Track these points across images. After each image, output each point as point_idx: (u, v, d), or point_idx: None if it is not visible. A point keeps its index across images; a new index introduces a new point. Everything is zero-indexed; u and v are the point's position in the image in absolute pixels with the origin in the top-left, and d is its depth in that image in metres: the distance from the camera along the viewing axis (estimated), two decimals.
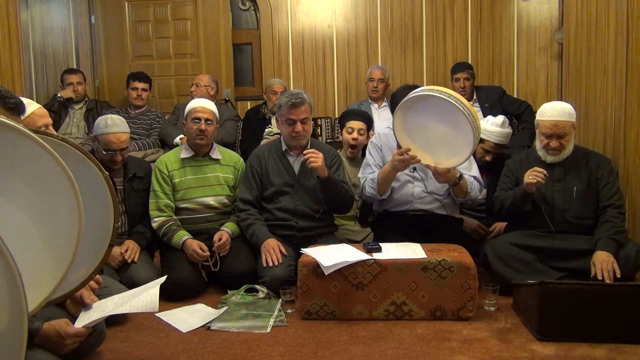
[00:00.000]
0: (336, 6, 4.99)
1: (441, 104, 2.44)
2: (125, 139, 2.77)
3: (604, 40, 3.22)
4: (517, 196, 2.70)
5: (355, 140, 3.33)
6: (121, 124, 2.79)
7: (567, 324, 2.15)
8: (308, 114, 2.86)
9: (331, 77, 5.04)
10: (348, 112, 3.56)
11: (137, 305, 1.89)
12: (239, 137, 4.45)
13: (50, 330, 1.70)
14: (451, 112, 2.44)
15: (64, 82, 4.38)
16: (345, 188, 2.89)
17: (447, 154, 2.59)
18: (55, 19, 4.74)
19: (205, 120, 2.95)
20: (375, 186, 2.85)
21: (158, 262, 3.04)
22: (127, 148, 2.82)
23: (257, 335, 2.28)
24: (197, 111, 2.97)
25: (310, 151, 2.75)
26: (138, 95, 4.34)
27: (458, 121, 2.45)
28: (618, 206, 2.66)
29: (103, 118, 2.81)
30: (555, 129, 2.67)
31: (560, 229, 2.69)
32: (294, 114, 2.81)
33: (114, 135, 2.72)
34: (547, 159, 2.76)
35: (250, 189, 2.93)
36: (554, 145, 2.70)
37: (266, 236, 2.80)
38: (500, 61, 4.93)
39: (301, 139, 2.87)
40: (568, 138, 2.71)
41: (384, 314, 2.41)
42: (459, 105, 2.40)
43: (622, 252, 2.52)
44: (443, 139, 2.57)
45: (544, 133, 2.72)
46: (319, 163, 2.72)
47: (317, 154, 2.74)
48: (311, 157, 2.72)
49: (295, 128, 2.83)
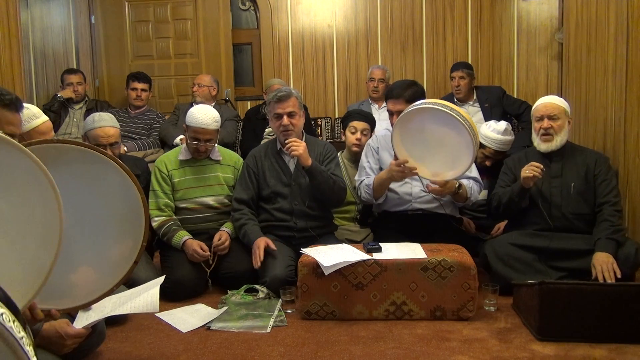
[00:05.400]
0: (336, 6, 4.99)
1: (440, 116, 2.42)
2: (113, 133, 2.79)
3: (604, 40, 3.22)
4: (515, 192, 2.72)
5: (359, 140, 3.28)
6: (109, 119, 2.82)
7: (567, 324, 2.15)
8: (296, 108, 2.83)
9: (331, 77, 5.05)
10: (351, 113, 3.53)
11: (137, 305, 1.89)
12: (239, 137, 4.45)
13: (50, 330, 1.70)
14: (450, 125, 2.42)
15: (64, 82, 4.38)
16: (334, 179, 2.83)
17: (446, 166, 2.58)
18: (55, 19, 4.74)
19: (206, 141, 2.91)
20: (371, 192, 2.85)
21: (158, 262, 3.04)
22: (117, 144, 2.82)
23: (257, 335, 2.28)
24: (197, 132, 2.87)
25: (291, 140, 2.74)
26: (137, 96, 4.34)
27: (457, 134, 2.42)
28: (614, 203, 2.66)
29: (91, 116, 2.87)
30: (545, 109, 2.76)
31: (557, 224, 2.70)
32: (279, 107, 2.81)
33: (101, 130, 2.76)
34: (541, 147, 2.78)
35: (245, 189, 2.93)
36: (545, 126, 2.74)
37: (256, 236, 2.79)
38: (500, 61, 4.93)
39: (289, 134, 2.83)
40: (560, 123, 2.75)
41: (384, 314, 2.41)
42: (459, 117, 2.38)
43: (621, 251, 2.52)
44: (442, 151, 2.55)
45: (536, 117, 2.80)
46: (300, 151, 2.70)
47: (299, 142, 2.73)
48: (292, 145, 2.71)
49: (282, 122, 2.81)
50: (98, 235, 1.77)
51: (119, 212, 1.81)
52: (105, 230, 1.78)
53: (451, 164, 2.56)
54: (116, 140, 2.80)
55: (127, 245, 1.82)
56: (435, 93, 4.88)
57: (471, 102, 4.31)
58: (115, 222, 1.81)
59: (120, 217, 1.81)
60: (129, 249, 1.82)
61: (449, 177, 2.61)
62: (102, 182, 1.76)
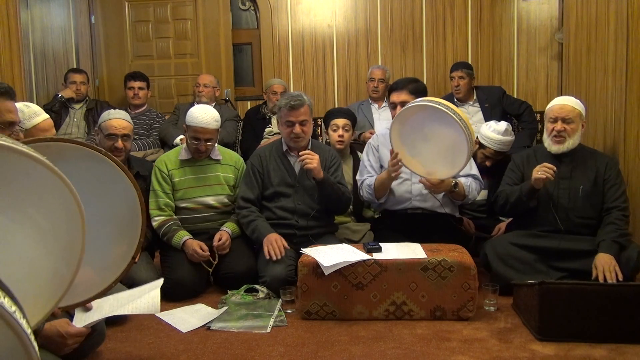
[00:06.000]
0: (336, 6, 4.99)
1: (436, 114, 2.44)
2: (126, 125, 2.86)
3: (604, 40, 3.23)
4: (524, 191, 2.69)
5: (342, 137, 3.36)
6: (123, 114, 2.93)
7: (567, 324, 2.15)
8: (307, 116, 2.86)
9: (331, 77, 5.05)
10: (331, 111, 3.61)
11: (138, 307, 1.90)
12: (239, 137, 4.45)
13: (51, 330, 1.70)
14: (446, 123, 2.43)
15: (67, 81, 4.38)
16: (342, 190, 2.90)
17: (440, 165, 2.60)
18: (55, 19, 4.74)
19: (206, 140, 2.92)
20: (372, 192, 2.87)
21: (158, 262, 3.04)
22: (129, 137, 2.87)
23: (257, 335, 2.28)
24: (197, 131, 2.87)
25: (306, 152, 2.76)
26: (135, 94, 4.35)
27: (453, 134, 2.44)
28: (623, 208, 2.64)
29: (107, 111, 2.97)
30: (561, 111, 2.71)
31: (563, 227, 2.69)
32: (292, 115, 2.82)
33: (116, 121, 2.84)
34: (552, 148, 2.75)
35: (251, 188, 2.93)
36: (558, 128, 2.70)
37: (268, 231, 2.80)
38: (500, 61, 4.93)
39: (300, 141, 2.87)
40: (574, 126, 2.71)
41: (384, 314, 2.41)
42: (456, 117, 2.39)
43: (623, 254, 2.52)
44: (437, 150, 2.57)
45: (550, 118, 2.75)
46: (314, 164, 2.73)
47: (313, 155, 2.74)
48: (307, 159, 2.73)
49: (294, 130, 2.83)
50: (96, 233, 1.77)
51: (117, 210, 1.81)
52: (104, 228, 1.78)
53: (445, 163, 2.58)
54: (128, 134, 2.86)
55: (125, 242, 1.82)
56: (435, 93, 4.88)
57: (471, 102, 4.31)
58: (114, 220, 1.81)
59: (118, 215, 1.81)
60: (127, 246, 1.82)
61: (443, 176, 2.63)
62: (99, 180, 1.76)
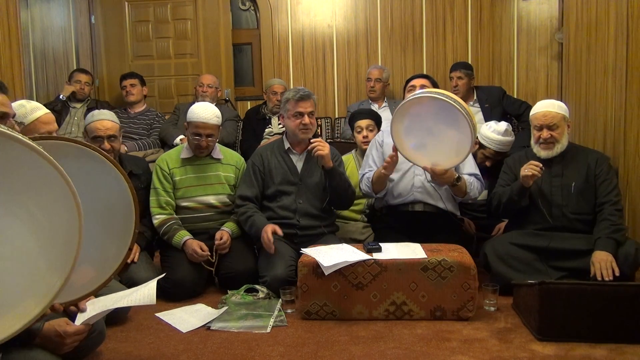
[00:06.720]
0: (336, 6, 4.99)
1: (439, 105, 2.45)
2: (111, 126, 2.80)
3: (604, 40, 3.23)
4: (514, 191, 2.72)
5: (366, 137, 3.38)
6: (107, 114, 2.86)
7: (567, 324, 2.15)
8: (314, 109, 2.91)
9: (331, 77, 5.04)
10: (354, 113, 3.61)
11: (135, 299, 1.91)
12: (239, 137, 4.45)
13: (50, 330, 1.69)
14: (449, 113, 2.45)
15: (72, 79, 4.39)
16: (349, 182, 2.93)
17: (445, 155, 2.61)
18: (55, 19, 4.74)
19: (207, 136, 2.93)
20: (370, 185, 2.90)
21: (158, 262, 3.04)
22: (116, 138, 2.82)
23: (257, 335, 2.28)
24: (198, 127, 2.90)
25: (317, 140, 2.81)
26: (128, 92, 4.37)
27: (456, 122, 2.46)
28: (615, 202, 2.66)
29: (91, 112, 2.91)
30: (544, 119, 2.73)
31: (557, 224, 2.71)
32: (301, 106, 2.84)
33: (99, 122, 2.79)
34: (540, 154, 2.78)
35: (250, 187, 2.93)
36: (544, 136, 2.73)
37: (263, 224, 2.79)
38: (500, 61, 4.93)
39: (308, 132, 2.89)
40: (560, 131, 2.74)
41: (384, 314, 2.41)
42: (457, 105, 2.41)
43: (621, 251, 2.53)
44: (441, 140, 2.59)
45: (535, 126, 2.78)
46: (326, 151, 2.78)
47: (324, 143, 2.80)
48: (318, 145, 2.77)
49: (303, 120, 2.85)
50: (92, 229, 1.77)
51: (110, 204, 1.79)
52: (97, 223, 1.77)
53: (449, 152, 2.59)
54: (114, 134, 2.80)
55: (120, 237, 1.81)
56: None
57: (471, 102, 4.30)
58: (107, 215, 1.79)
59: (111, 209, 1.80)
60: (122, 240, 1.81)
61: (447, 165, 2.65)
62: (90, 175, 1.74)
